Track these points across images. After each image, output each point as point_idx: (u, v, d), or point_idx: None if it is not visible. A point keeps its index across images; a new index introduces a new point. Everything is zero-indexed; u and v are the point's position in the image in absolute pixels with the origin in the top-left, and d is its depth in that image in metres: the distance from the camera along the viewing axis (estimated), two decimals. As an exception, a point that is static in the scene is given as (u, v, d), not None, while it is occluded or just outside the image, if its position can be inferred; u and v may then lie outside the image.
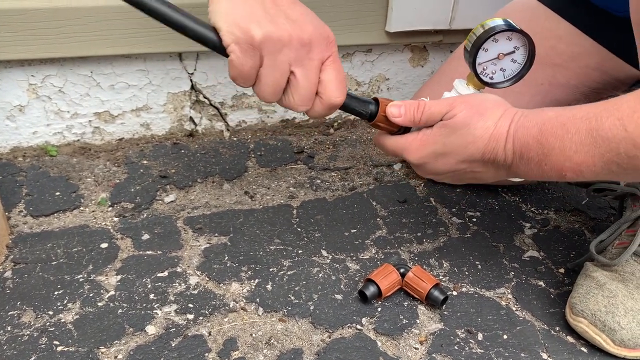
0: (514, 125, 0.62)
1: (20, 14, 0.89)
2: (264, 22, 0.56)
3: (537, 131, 0.60)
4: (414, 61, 1.17)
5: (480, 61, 0.65)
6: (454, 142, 0.63)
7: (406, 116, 0.65)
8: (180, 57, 1.02)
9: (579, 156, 0.58)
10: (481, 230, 0.91)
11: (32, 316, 0.71)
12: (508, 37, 0.64)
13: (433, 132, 0.64)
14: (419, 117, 0.64)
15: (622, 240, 0.77)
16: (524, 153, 0.61)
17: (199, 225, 0.88)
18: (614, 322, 0.69)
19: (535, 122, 0.61)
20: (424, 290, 0.75)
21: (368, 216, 0.92)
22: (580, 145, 0.57)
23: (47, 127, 1.01)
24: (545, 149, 0.59)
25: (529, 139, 0.60)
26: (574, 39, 0.86)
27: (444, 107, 0.64)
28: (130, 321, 0.71)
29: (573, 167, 0.59)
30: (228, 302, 0.75)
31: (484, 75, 0.66)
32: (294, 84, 0.60)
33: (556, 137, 0.58)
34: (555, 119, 0.59)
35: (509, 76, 0.67)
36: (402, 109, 0.65)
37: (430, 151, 0.65)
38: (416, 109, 0.65)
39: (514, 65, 0.66)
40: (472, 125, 0.62)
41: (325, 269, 0.81)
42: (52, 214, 0.88)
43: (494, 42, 0.64)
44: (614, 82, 0.86)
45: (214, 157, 1.04)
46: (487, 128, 0.62)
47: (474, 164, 0.64)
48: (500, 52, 0.65)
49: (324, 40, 0.60)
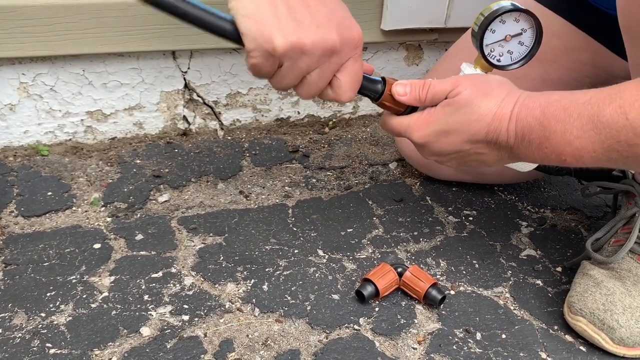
0: (517, 106, 0.61)
1: (10, 11, 0.87)
2: (288, 31, 0.56)
3: (539, 113, 0.60)
4: (409, 60, 1.17)
5: (487, 42, 0.64)
6: (458, 120, 0.63)
7: (411, 94, 0.65)
8: (173, 55, 1.01)
9: (579, 141, 0.57)
10: (478, 229, 0.91)
11: (24, 318, 0.70)
12: (515, 18, 0.64)
13: (437, 110, 0.64)
14: (424, 95, 0.64)
15: (618, 238, 0.77)
16: (525, 134, 0.61)
17: (194, 225, 0.87)
18: (612, 320, 0.69)
19: (539, 103, 0.60)
20: (422, 289, 0.74)
21: (364, 215, 0.92)
22: (581, 130, 0.57)
23: (38, 126, 0.99)
24: (547, 132, 0.59)
25: (531, 120, 0.60)
26: (567, 34, 0.86)
27: (448, 85, 0.63)
28: (125, 323, 0.70)
29: (573, 152, 0.58)
30: (224, 303, 0.74)
31: (491, 57, 0.65)
32: (307, 81, 0.61)
33: (558, 121, 0.58)
34: (558, 102, 0.59)
35: (516, 59, 0.66)
36: (408, 87, 0.65)
37: (434, 130, 0.64)
38: (421, 88, 0.64)
39: (521, 47, 0.66)
40: (475, 103, 0.62)
41: (322, 268, 0.80)
42: (43, 214, 0.87)
43: (501, 24, 0.63)
44: (607, 77, 0.86)
45: (208, 156, 1.03)
46: (490, 107, 0.62)
47: (477, 144, 0.64)
48: (508, 33, 0.64)
49: (349, 45, 0.60)
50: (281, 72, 0.59)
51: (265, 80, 1.08)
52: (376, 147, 1.10)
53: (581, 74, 0.85)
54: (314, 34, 0.57)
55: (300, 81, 0.61)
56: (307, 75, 0.60)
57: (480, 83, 0.63)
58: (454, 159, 0.67)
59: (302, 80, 0.61)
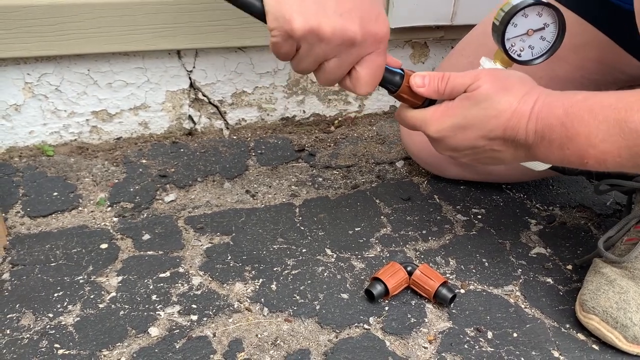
0: (538, 104, 0.60)
1: (15, 11, 0.87)
2: (310, 14, 0.56)
3: (562, 112, 0.58)
4: (415, 57, 1.16)
5: (509, 36, 0.63)
6: (476, 115, 0.61)
7: (430, 86, 0.63)
8: (179, 55, 1.01)
9: (604, 145, 0.56)
10: (486, 227, 0.90)
11: (32, 319, 0.69)
12: (538, 12, 0.62)
13: (455, 104, 0.63)
14: (443, 88, 0.63)
15: (631, 237, 0.76)
16: (546, 134, 0.59)
17: (200, 224, 0.86)
18: (626, 319, 0.68)
19: (562, 103, 0.59)
20: (432, 288, 0.73)
21: (372, 214, 0.91)
22: (607, 134, 0.56)
23: (43, 126, 0.99)
24: (570, 133, 0.57)
25: (552, 120, 0.58)
26: (576, 30, 0.84)
27: (468, 79, 0.62)
28: (133, 323, 0.70)
29: (597, 155, 0.57)
30: (232, 303, 0.73)
31: (512, 51, 0.64)
32: (325, 68, 0.61)
33: (582, 122, 0.57)
34: (582, 102, 0.58)
35: (537, 54, 0.65)
36: (427, 79, 0.64)
37: (451, 124, 0.63)
38: (440, 80, 0.63)
39: (542, 43, 0.64)
40: (495, 98, 0.60)
41: (330, 267, 0.80)
42: (50, 215, 0.86)
43: (523, 18, 0.62)
44: (616, 74, 0.85)
45: (214, 155, 1.02)
46: (510, 103, 0.60)
47: (494, 141, 0.62)
48: (530, 28, 0.63)
49: (370, 38, 0.60)
50: (299, 55, 0.59)
51: (270, 80, 1.08)
52: (382, 145, 1.10)
53: (589, 71, 0.84)
54: (334, 22, 0.57)
55: (318, 67, 0.61)
56: (325, 63, 0.60)
57: (500, 78, 0.62)
58: (468, 155, 0.65)
59: (320, 66, 0.61)
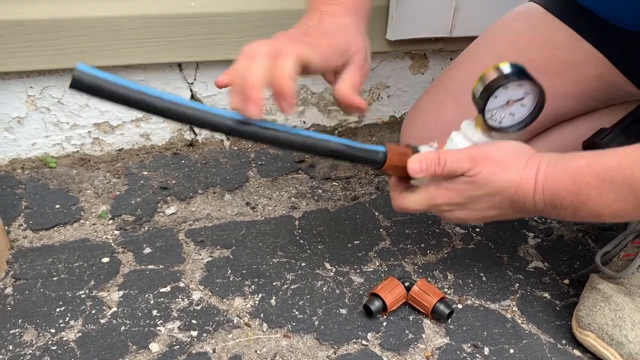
0: (541, 175, 0.62)
1: (18, 26, 0.88)
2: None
3: (570, 182, 0.60)
4: (415, 68, 1.17)
5: (490, 107, 0.64)
6: (480, 195, 0.64)
7: (427, 171, 0.65)
8: (180, 67, 1.01)
9: (617, 204, 0.58)
10: (485, 240, 0.91)
11: (34, 334, 0.70)
12: (519, 84, 0.64)
13: (458, 186, 0.64)
14: (440, 171, 0.64)
15: (628, 252, 0.76)
16: (557, 203, 0.61)
17: (201, 238, 0.87)
18: (621, 336, 0.68)
19: (566, 172, 0.61)
20: (430, 304, 0.74)
21: (371, 227, 0.92)
22: (617, 194, 0.58)
23: (46, 138, 1.00)
24: (581, 198, 0.60)
25: (562, 190, 0.61)
26: (573, 47, 0.85)
27: (465, 164, 0.63)
28: (134, 339, 0.70)
29: (612, 213, 0.60)
30: (232, 318, 0.74)
31: (492, 120, 0.65)
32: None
33: (591, 187, 0.59)
34: (587, 168, 0.60)
35: (517, 120, 0.66)
36: (424, 164, 0.65)
37: (457, 201, 0.65)
38: (437, 164, 0.64)
39: (523, 109, 0.65)
40: (496, 181, 0.62)
41: (329, 282, 0.81)
42: (52, 228, 0.87)
43: (504, 89, 0.63)
44: (613, 91, 0.86)
45: (215, 167, 1.03)
46: (512, 180, 0.62)
47: (502, 209, 0.65)
48: (510, 98, 0.64)
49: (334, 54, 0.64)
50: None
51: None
52: (382, 156, 1.10)
53: (588, 87, 0.85)
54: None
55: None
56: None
57: (497, 159, 0.63)
58: (478, 221, 0.69)
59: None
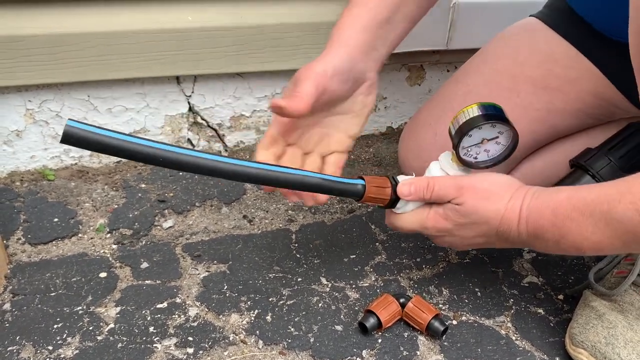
0: (525, 208, 0.65)
1: (17, 41, 0.88)
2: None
3: (550, 214, 0.63)
4: (411, 80, 1.17)
5: (464, 145, 0.68)
6: (467, 223, 0.67)
7: (416, 195, 0.69)
8: (177, 80, 1.02)
9: (596, 236, 0.60)
10: (480, 254, 0.91)
11: (32, 351, 0.71)
12: (492, 124, 0.67)
13: (446, 213, 0.68)
14: (429, 196, 0.68)
15: (621, 269, 0.77)
16: (539, 234, 0.64)
17: (198, 252, 0.88)
18: (614, 354, 0.69)
19: (547, 205, 0.63)
20: (424, 321, 0.75)
21: (367, 241, 0.92)
22: (595, 227, 0.59)
23: (44, 151, 1.00)
24: (562, 231, 0.62)
25: (544, 222, 0.63)
26: (571, 62, 0.85)
27: (452, 192, 0.67)
28: (131, 356, 0.71)
29: (592, 246, 0.61)
30: (228, 335, 0.75)
31: (467, 156, 0.69)
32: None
33: (571, 220, 0.61)
34: (567, 202, 0.62)
35: (492, 156, 0.70)
36: (412, 187, 0.68)
37: (446, 227, 0.69)
38: (425, 189, 0.68)
39: (497, 146, 0.69)
40: (481, 210, 0.66)
41: (325, 298, 0.81)
42: (50, 242, 0.88)
43: (477, 129, 0.66)
44: (611, 108, 0.86)
45: (212, 179, 1.03)
46: (497, 210, 0.66)
47: (489, 238, 0.69)
48: (484, 137, 0.68)
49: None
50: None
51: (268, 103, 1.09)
52: (379, 168, 1.11)
53: (586, 104, 0.85)
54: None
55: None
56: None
57: (481, 191, 0.66)
58: (467, 247, 0.73)
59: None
